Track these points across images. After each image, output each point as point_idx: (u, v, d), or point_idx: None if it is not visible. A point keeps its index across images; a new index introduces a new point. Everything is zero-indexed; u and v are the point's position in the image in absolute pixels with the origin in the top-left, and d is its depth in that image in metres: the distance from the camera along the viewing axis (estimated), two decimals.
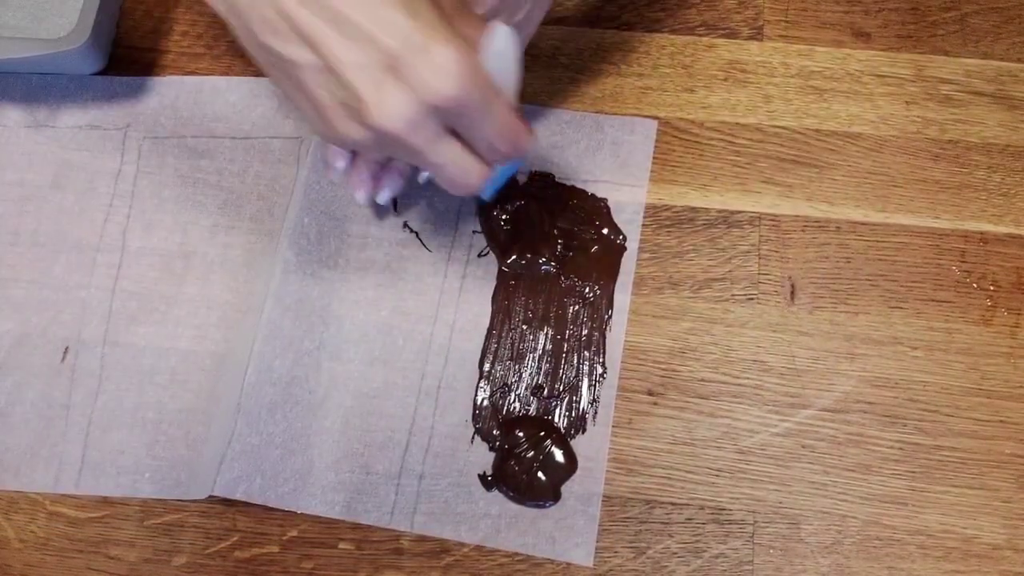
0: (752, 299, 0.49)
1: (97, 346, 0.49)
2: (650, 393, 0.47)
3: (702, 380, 0.47)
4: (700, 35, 0.54)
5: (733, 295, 0.49)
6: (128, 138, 0.53)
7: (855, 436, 0.46)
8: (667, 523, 0.45)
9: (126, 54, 0.55)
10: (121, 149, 0.53)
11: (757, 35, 0.54)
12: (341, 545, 0.45)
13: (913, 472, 0.46)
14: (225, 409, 0.46)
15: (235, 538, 0.45)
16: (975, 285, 0.49)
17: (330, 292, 0.49)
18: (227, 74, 0.54)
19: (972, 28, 0.54)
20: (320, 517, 0.45)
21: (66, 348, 0.49)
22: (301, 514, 0.45)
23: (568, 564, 0.44)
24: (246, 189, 0.52)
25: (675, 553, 0.45)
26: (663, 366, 0.48)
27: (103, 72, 0.54)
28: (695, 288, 0.49)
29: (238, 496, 0.44)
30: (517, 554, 0.45)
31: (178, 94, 0.54)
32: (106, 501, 0.46)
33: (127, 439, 0.47)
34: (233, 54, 0.55)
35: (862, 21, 0.55)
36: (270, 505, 0.45)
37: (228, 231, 0.51)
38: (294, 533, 0.45)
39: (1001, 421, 0.46)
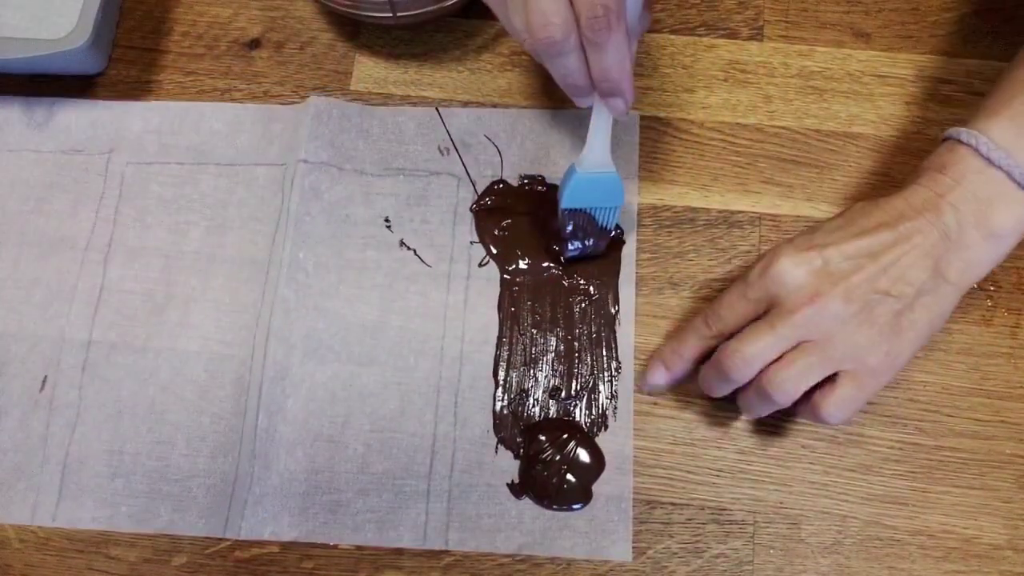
0: None
1: (76, 376, 0.48)
2: (650, 393, 0.47)
3: None
4: (700, 35, 0.54)
5: None
6: (111, 163, 0.52)
7: (855, 436, 0.46)
8: (667, 523, 0.45)
9: (126, 54, 0.55)
10: (104, 174, 0.52)
11: (757, 35, 0.54)
12: (341, 545, 0.45)
13: (913, 472, 0.46)
14: (234, 454, 0.46)
15: (235, 538, 0.45)
16: (975, 285, 0.49)
17: (337, 321, 0.48)
18: (227, 74, 0.54)
19: (972, 28, 0.54)
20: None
21: (44, 377, 0.48)
22: None
23: (569, 563, 0.44)
24: (229, 216, 0.51)
25: (675, 553, 0.44)
26: None
27: (103, 72, 0.54)
28: (695, 288, 0.49)
29: (266, 537, 0.45)
30: (517, 554, 0.45)
31: (162, 120, 0.53)
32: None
33: (104, 471, 0.46)
34: (233, 56, 0.55)
35: (862, 21, 0.55)
36: (301, 541, 0.45)
37: (211, 259, 0.50)
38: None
39: (1001, 421, 0.46)
